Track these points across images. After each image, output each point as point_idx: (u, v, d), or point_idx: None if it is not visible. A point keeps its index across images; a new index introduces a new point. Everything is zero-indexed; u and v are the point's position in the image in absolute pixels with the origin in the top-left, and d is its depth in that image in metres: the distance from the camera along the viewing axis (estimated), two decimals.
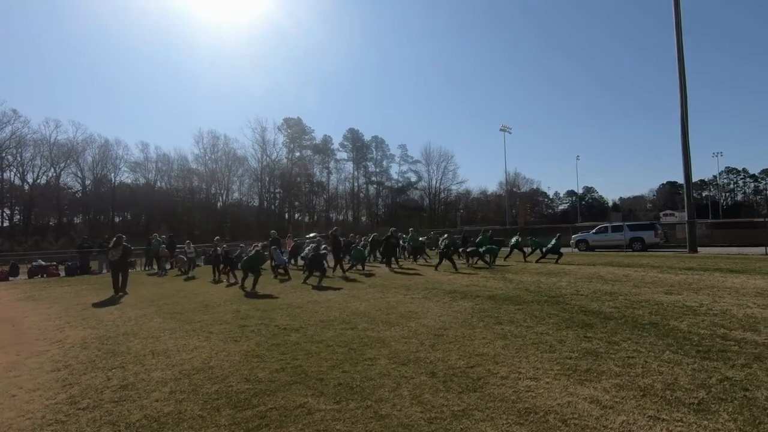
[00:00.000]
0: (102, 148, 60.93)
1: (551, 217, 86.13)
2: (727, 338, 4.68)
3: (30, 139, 55.55)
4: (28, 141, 55.47)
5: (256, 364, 4.31)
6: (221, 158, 66.80)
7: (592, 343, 4.68)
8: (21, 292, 11.36)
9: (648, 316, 5.89)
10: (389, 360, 4.32)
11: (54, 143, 57.42)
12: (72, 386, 3.83)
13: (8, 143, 53.78)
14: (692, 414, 2.91)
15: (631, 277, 10.23)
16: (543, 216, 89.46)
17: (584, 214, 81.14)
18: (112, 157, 62.16)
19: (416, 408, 3.14)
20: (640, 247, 22.54)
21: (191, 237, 45.39)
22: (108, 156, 61.67)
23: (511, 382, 3.59)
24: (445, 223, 73.98)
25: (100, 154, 61.28)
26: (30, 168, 57.12)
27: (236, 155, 66.91)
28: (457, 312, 6.68)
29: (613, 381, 3.54)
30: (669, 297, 7.38)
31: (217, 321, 6.56)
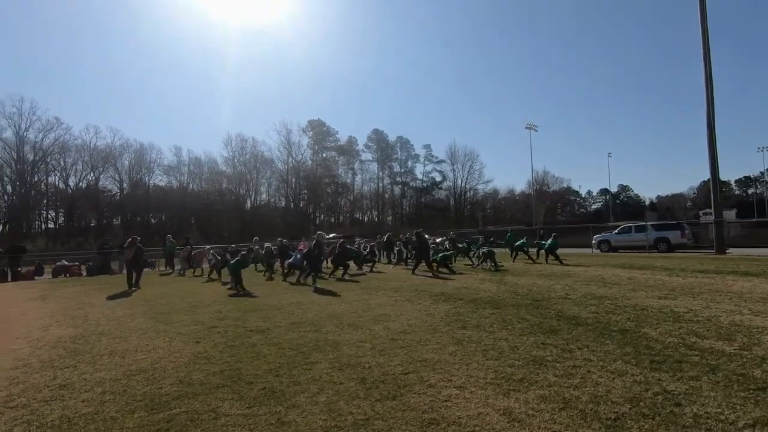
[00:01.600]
0: (137, 152, 63.74)
1: (583, 216, 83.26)
2: (693, 347, 4.38)
3: (72, 145, 58.83)
4: (70, 147, 58.77)
5: (198, 366, 4.38)
6: (249, 160, 68.53)
7: (546, 350, 4.49)
8: (36, 291, 12.03)
9: (623, 323, 5.59)
10: (329, 364, 4.29)
11: (94, 148, 60.52)
12: (17, 384, 4.00)
13: (52, 149, 57.12)
14: (603, 430, 2.74)
15: (633, 280, 9.76)
16: (575, 215, 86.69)
17: (618, 213, 78.01)
18: (147, 161, 64.89)
19: (322, 416, 3.10)
20: (666, 248, 21.49)
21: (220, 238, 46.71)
22: (143, 160, 64.40)
23: (434, 391, 3.49)
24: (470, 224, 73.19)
25: (136, 158, 64.08)
26: (72, 172, 60.49)
27: (263, 157, 68.55)
28: (429, 315, 6.56)
29: (540, 392, 3.38)
30: (659, 302, 6.99)
31: (194, 322, 6.71)
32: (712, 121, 18.40)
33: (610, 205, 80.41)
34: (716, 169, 18.66)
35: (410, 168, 77.48)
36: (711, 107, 18.32)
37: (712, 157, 18.53)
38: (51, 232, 57.38)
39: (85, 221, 62.70)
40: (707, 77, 18.35)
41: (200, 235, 52.88)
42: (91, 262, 18.08)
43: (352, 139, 73.56)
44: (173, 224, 63.49)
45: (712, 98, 18.27)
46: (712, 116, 18.36)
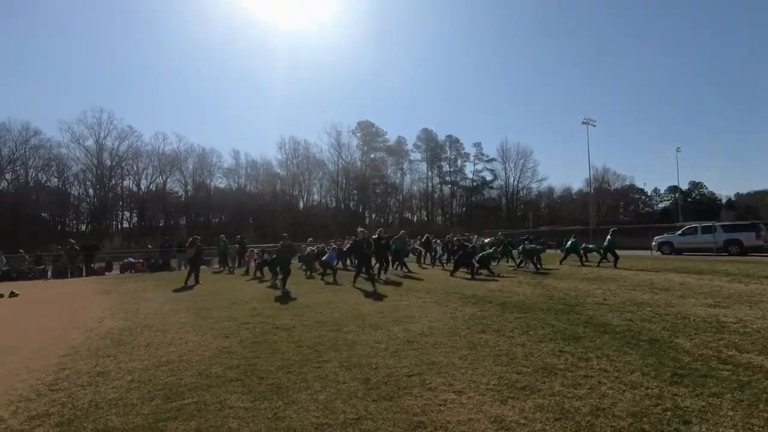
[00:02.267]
0: (200, 156, 67.93)
1: (649, 216, 77.73)
2: (727, 361, 4.04)
3: (143, 151, 63.86)
4: (141, 153, 63.82)
5: (219, 360, 4.67)
6: (302, 162, 70.80)
7: (561, 358, 4.33)
8: (103, 285, 13.26)
9: (656, 332, 5.24)
10: (339, 363, 4.41)
11: (162, 154, 65.31)
12: (64, 370, 4.49)
13: (126, 155, 62.37)
14: None
15: (686, 286, 9.05)
16: (639, 215, 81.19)
17: (690, 212, 72.04)
18: (209, 164, 68.97)
19: (317, 413, 3.22)
20: (738, 251, 19.64)
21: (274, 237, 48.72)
22: (205, 163, 68.56)
23: (432, 395, 3.50)
24: (523, 224, 70.74)
25: (199, 162, 68.35)
26: (143, 176, 65.66)
27: (315, 159, 70.49)
28: (453, 318, 6.51)
29: (540, 401, 3.29)
30: (707, 310, 6.46)
31: (228, 318, 7.12)
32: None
33: (678, 203, 74.49)
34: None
35: (460, 167, 76.38)
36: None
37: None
38: (126, 231, 62.58)
39: (154, 221, 67.77)
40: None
41: (256, 234, 55.52)
42: (152, 260, 19.63)
43: (401, 139, 73.78)
44: (232, 224, 66.93)
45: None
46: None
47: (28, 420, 3.26)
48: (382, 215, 73.07)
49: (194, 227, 63.09)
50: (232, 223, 67.60)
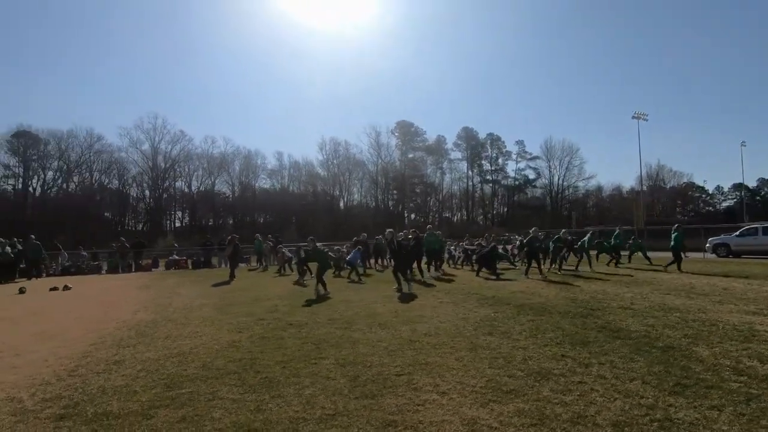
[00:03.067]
0: (246, 158, 70.65)
1: (711, 215, 72.32)
2: (743, 372, 3.74)
3: (194, 154, 67.32)
4: (192, 155, 67.32)
5: (225, 353, 4.89)
6: (342, 163, 71.92)
7: (560, 363, 4.18)
8: (146, 281, 14.20)
9: (676, 339, 4.93)
10: (335, 361, 4.49)
11: (210, 156, 68.54)
12: (86, 358, 4.88)
13: (178, 157, 66.01)
14: None
15: (728, 291, 8.40)
16: (699, 214, 75.77)
17: (758, 211, 66.40)
18: (254, 166, 71.59)
19: (297, 407, 3.31)
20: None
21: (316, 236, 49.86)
22: (250, 165, 71.22)
23: (414, 395, 3.50)
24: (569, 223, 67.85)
25: (245, 163, 71.13)
26: (194, 178, 69.20)
27: (355, 159, 71.36)
28: (464, 319, 6.43)
29: (522, 405, 3.20)
30: (742, 317, 5.98)
31: (247, 313, 7.41)
32: None
33: (743, 202, 68.90)
34: None
35: (501, 166, 74.52)
36: None
37: None
38: (178, 231, 66.23)
39: (204, 220, 71.25)
40: None
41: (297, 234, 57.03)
42: (195, 257, 20.74)
43: (441, 139, 73.07)
44: (276, 224, 69.26)
45: None
46: None
47: (41, 402, 3.57)
48: (421, 215, 72.79)
49: (240, 226, 65.79)
50: (276, 222, 69.89)
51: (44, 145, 56.73)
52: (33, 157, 56.52)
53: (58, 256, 18.65)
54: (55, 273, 17.56)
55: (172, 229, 67.35)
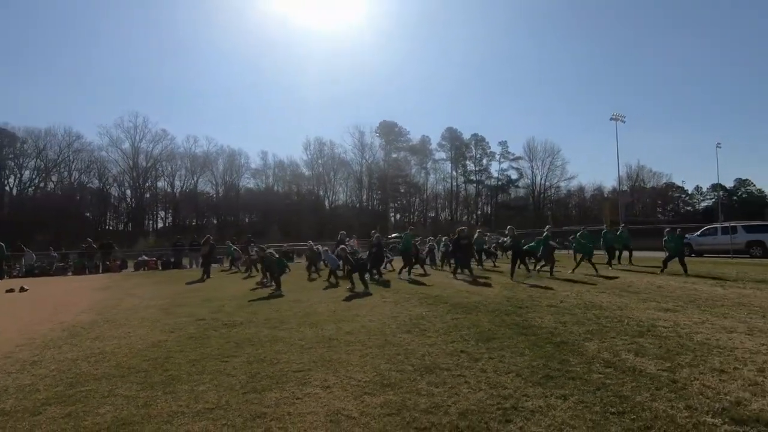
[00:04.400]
0: (229, 157, 70.19)
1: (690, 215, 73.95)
2: (614, 365, 4.00)
3: (176, 153, 66.72)
4: (174, 155, 66.70)
5: (144, 353, 5.05)
6: (327, 162, 71.91)
7: (454, 358, 4.43)
8: (107, 282, 14.22)
9: (576, 334, 5.21)
10: (246, 359, 4.68)
11: (193, 155, 67.97)
12: (7, 358, 5.00)
13: (160, 157, 65.37)
14: None
15: (662, 289, 8.77)
16: (679, 214, 77.38)
17: (736, 211, 68.08)
18: (237, 165, 71.17)
19: (182, 402, 3.49)
20: (761, 253, 18.57)
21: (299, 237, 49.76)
22: (234, 165, 70.79)
23: (299, 389, 3.69)
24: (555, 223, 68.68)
25: (228, 163, 70.66)
26: (177, 177, 68.57)
27: (340, 159, 71.40)
28: (394, 318, 6.65)
29: (391, 397, 3.43)
30: (655, 314, 6.31)
31: (189, 314, 7.55)
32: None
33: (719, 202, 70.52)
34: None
35: (485, 166, 75.22)
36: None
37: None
38: (161, 231, 65.57)
39: (187, 221, 70.65)
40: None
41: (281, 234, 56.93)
42: (164, 258, 20.71)
43: (425, 139, 73.47)
44: (261, 224, 69.08)
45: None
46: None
47: None
48: (406, 215, 73.17)
49: (224, 226, 65.55)
50: (261, 222, 69.70)
51: (21, 143, 55.80)
52: (9, 156, 55.54)
53: (23, 257, 18.48)
54: (18, 274, 17.43)
55: (155, 229, 66.76)
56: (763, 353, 4.28)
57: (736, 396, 3.22)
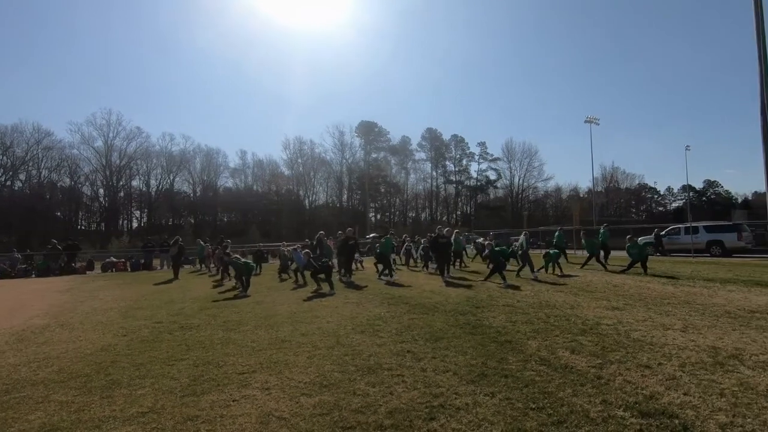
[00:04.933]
0: (207, 156, 69.07)
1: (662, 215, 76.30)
2: (546, 362, 4.15)
3: (151, 152, 65.26)
4: (150, 153, 65.24)
5: (91, 357, 5.00)
6: (307, 162, 71.48)
7: (399, 357, 4.51)
8: (71, 284, 13.89)
9: (522, 333, 5.37)
10: (193, 362, 4.67)
11: (169, 154, 66.62)
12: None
13: (135, 155, 63.82)
14: None
15: (617, 288, 9.10)
16: (652, 214, 79.71)
17: (705, 211, 70.52)
18: (215, 164, 70.09)
19: (116, 407, 3.47)
20: (720, 252, 19.35)
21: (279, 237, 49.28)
22: (212, 163, 69.70)
23: (238, 392, 3.70)
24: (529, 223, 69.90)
25: (206, 162, 69.52)
26: (152, 176, 67.10)
27: (320, 159, 71.07)
28: (352, 319, 6.71)
29: (327, 398, 3.49)
30: (603, 312, 6.55)
31: (147, 317, 7.48)
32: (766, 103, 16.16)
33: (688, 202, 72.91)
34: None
35: (465, 166, 76.07)
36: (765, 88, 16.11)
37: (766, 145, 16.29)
38: (134, 231, 64.06)
39: (163, 220, 69.21)
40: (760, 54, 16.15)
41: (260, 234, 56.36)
42: (133, 259, 20.28)
43: (406, 139, 73.76)
44: (239, 223, 68.24)
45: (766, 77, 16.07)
46: (766, 98, 16.13)
47: None
48: (386, 215, 73.37)
49: (202, 226, 64.51)
50: (239, 222, 68.85)
51: None
52: None
53: None
54: None
55: (130, 229, 65.20)
56: (690, 349, 4.51)
57: (652, 390, 3.40)
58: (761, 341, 4.74)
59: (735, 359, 4.11)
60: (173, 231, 60.66)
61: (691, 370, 3.85)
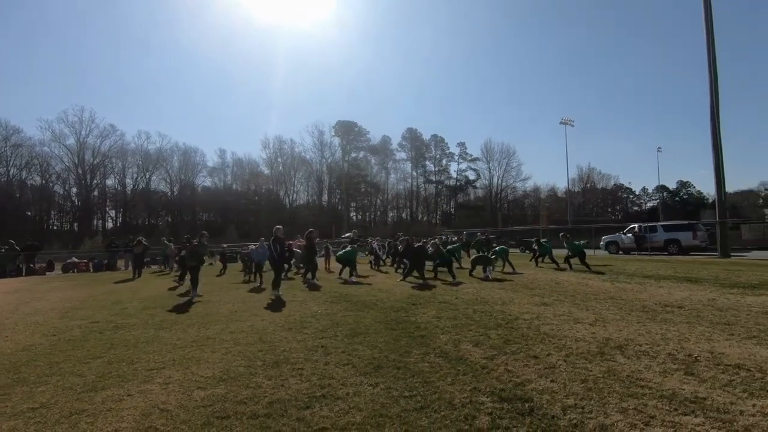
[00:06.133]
0: (184, 154, 68.03)
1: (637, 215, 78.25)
2: (445, 355, 4.36)
3: (126, 150, 63.99)
4: (125, 151, 63.94)
5: (9, 357, 5.03)
6: (287, 161, 71.07)
7: (311, 352, 4.68)
8: (22, 285, 13.65)
9: (440, 328, 5.57)
10: (108, 360, 4.73)
11: (145, 152, 65.44)
12: None
13: (109, 153, 62.48)
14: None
15: (559, 285, 9.43)
16: (628, 214, 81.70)
17: (677, 211, 72.63)
18: (193, 163, 69.11)
19: (10, 403, 3.55)
20: (677, 250, 20.07)
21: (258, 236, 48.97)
22: (189, 162, 68.68)
23: (137, 387, 3.83)
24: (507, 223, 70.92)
25: (183, 160, 68.48)
26: (128, 175, 65.77)
27: (300, 158, 70.75)
28: (286, 317, 6.82)
29: (219, 391, 3.63)
30: (527, 308, 6.81)
31: (86, 317, 7.46)
32: (716, 108, 16.92)
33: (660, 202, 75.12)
34: (720, 162, 17.09)
35: (445, 166, 76.74)
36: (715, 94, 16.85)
37: (716, 148, 17.03)
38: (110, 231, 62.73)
39: (140, 220, 67.94)
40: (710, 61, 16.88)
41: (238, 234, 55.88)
42: (96, 260, 19.97)
43: (386, 139, 74.02)
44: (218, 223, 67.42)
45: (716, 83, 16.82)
46: (716, 103, 16.88)
47: None
48: (366, 214, 73.50)
49: (180, 226, 63.49)
50: (218, 221, 68.04)
51: None
52: None
53: None
54: None
55: (103, 229, 63.82)
56: (585, 340, 4.78)
57: (525, 378, 3.63)
58: (654, 332, 5.05)
59: (618, 349, 4.39)
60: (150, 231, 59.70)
61: (572, 360, 4.10)
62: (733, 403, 3.02)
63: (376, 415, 3.03)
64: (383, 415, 3.01)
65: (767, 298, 7.03)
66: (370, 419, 2.96)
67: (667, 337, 4.83)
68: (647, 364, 3.89)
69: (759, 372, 3.62)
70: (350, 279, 11.91)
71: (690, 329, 5.19)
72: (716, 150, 17.00)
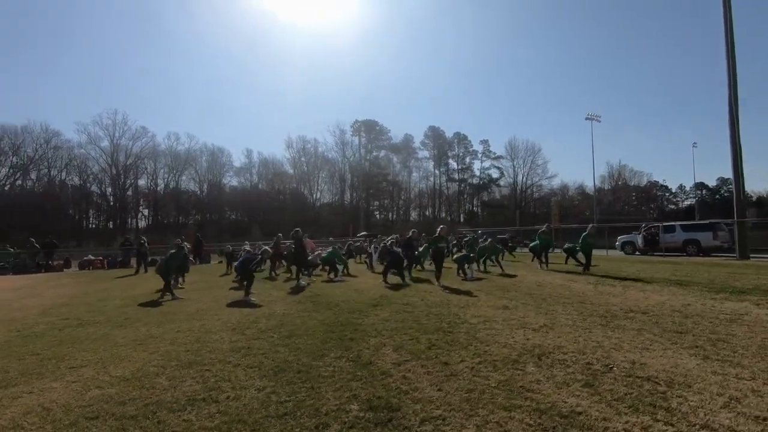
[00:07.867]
0: (212, 154, 70.06)
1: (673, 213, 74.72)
2: (359, 361, 4.28)
3: (157, 151, 66.53)
4: (156, 152, 66.51)
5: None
6: (310, 161, 72.05)
7: (234, 353, 4.70)
8: (26, 282, 14.38)
9: (382, 332, 5.47)
10: (42, 357, 4.89)
11: (175, 153, 67.83)
12: None
13: (141, 154, 65.15)
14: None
15: (541, 286, 9.12)
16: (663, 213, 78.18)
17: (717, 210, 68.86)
18: (221, 163, 71.08)
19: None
20: (696, 251, 19.01)
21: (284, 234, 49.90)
22: (216, 162, 70.68)
23: (51, 384, 3.97)
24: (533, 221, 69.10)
25: (211, 160, 70.52)
26: (159, 175, 68.40)
27: (323, 157, 71.57)
28: (246, 316, 6.89)
29: (123, 389, 3.70)
30: (487, 312, 6.59)
31: (63, 314, 7.76)
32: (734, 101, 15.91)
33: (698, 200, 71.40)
34: (739, 158, 16.05)
35: (468, 165, 75.73)
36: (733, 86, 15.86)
37: (734, 143, 16.02)
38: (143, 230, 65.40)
39: (171, 218, 70.49)
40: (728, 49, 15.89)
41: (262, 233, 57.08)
42: (110, 258, 20.87)
43: (408, 137, 73.73)
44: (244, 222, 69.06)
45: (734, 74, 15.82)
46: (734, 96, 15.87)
47: None
48: (388, 213, 73.48)
49: (208, 225, 65.48)
50: (244, 221, 69.70)
51: None
52: None
53: None
54: None
55: (137, 227, 66.57)
56: (511, 347, 4.58)
57: (414, 386, 3.50)
58: (593, 340, 4.77)
59: (537, 357, 4.17)
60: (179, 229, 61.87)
61: (479, 368, 3.93)
62: (606, 419, 2.81)
63: (234, 420, 2.99)
64: (240, 421, 2.98)
65: (747, 305, 6.53)
66: (223, 425, 2.93)
67: (602, 345, 4.56)
68: (552, 374, 3.68)
69: (665, 386, 3.35)
70: (336, 278, 11.97)
71: (635, 337, 4.89)
72: (734, 145, 16.00)
